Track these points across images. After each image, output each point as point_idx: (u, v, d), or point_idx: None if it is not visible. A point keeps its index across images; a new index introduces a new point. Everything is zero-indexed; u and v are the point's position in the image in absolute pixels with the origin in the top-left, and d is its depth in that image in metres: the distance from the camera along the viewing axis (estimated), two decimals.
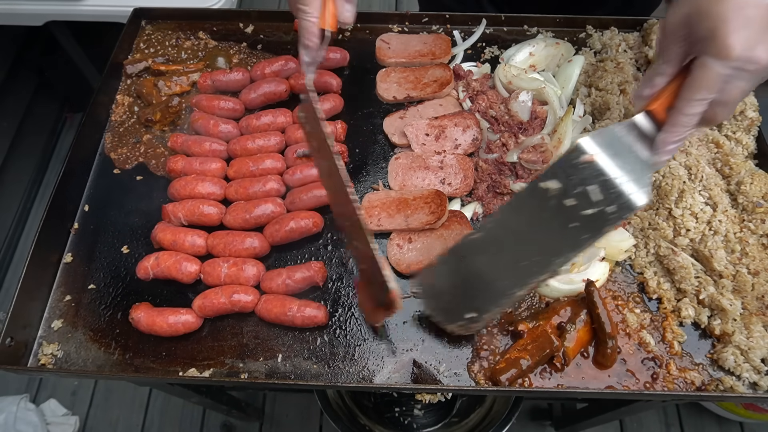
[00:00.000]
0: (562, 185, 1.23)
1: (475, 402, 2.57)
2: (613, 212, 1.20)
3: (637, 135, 1.23)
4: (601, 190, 1.19)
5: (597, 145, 1.21)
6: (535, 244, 1.30)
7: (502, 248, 1.36)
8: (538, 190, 1.26)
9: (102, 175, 1.82)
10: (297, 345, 1.50)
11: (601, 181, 1.20)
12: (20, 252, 4.03)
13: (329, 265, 1.63)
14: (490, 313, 1.41)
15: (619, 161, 1.20)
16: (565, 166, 1.23)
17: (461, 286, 1.42)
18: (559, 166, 1.24)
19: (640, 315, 1.52)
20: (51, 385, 3.53)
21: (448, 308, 1.45)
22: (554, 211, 1.25)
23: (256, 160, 1.74)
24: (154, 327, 1.47)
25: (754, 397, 1.94)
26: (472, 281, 1.40)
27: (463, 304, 1.40)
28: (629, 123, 1.24)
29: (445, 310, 1.46)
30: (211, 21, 2.18)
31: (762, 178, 1.58)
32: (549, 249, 1.29)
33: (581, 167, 1.21)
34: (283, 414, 3.43)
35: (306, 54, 1.46)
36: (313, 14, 1.39)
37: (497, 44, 2.09)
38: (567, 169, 1.23)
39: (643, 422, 3.36)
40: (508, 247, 1.35)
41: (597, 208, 1.20)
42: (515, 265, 1.33)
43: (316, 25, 1.41)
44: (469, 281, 1.41)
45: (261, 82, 1.91)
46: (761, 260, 1.49)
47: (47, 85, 4.33)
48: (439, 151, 1.78)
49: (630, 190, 1.18)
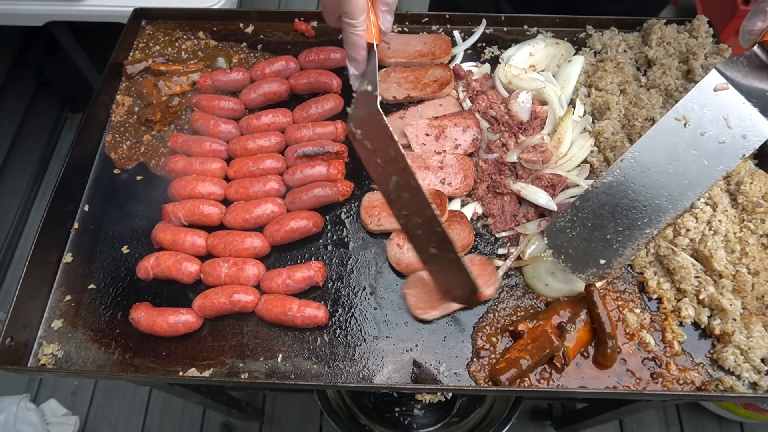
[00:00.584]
0: (696, 116, 1.30)
1: (475, 402, 2.57)
2: (747, 139, 1.26)
3: (758, 65, 1.28)
4: (736, 117, 1.26)
5: (728, 73, 1.28)
6: (670, 179, 1.34)
7: (635, 188, 1.39)
8: (671, 123, 1.32)
9: (102, 175, 1.82)
10: (297, 345, 1.50)
11: (735, 107, 1.26)
12: (20, 252, 4.03)
13: (329, 265, 1.63)
14: (624, 257, 1.43)
15: (749, 89, 1.26)
16: (698, 96, 1.30)
17: (592, 231, 1.44)
18: (691, 98, 1.30)
19: (640, 315, 1.52)
20: (51, 385, 3.53)
21: (579, 257, 1.46)
22: (688, 144, 1.30)
23: (256, 160, 1.74)
24: (154, 327, 1.47)
25: (754, 397, 1.94)
26: (604, 225, 1.42)
27: (595, 249, 1.43)
28: (749, 54, 1.28)
29: (576, 258, 1.47)
30: (211, 21, 2.18)
31: (762, 178, 1.58)
32: (684, 183, 1.33)
33: (715, 95, 1.28)
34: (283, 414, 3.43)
35: (354, 68, 1.43)
36: (361, 27, 1.36)
37: (497, 44, 2.09)
38: (700, 99, 1.29)
39: (643, 422, 3.36)
40: (641, 185, 1.38)
41: (732, 136, 1.27)
42: (649, 204, 1.37)
43: (364, 38, 1.38)
44: (600, 226, 1.43)
45: (261, 82, 1.92)
46: (761, 260, 1.49)
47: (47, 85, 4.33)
48: (439, 151, 1.78)
49: (761, 116, 1.25)
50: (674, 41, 1.93)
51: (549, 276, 1.55)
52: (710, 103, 1.29)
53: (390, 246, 1.63)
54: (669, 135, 1.35)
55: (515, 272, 1.61)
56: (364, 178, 1.79)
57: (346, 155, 1.80)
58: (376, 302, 1.56)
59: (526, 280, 1.59)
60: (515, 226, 1.66)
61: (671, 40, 1.93)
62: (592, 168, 1.75)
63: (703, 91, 1.31)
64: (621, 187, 1.41)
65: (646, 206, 1.38)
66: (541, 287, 1.55)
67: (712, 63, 1.86)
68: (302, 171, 1.71)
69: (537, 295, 1.57)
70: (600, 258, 1.43)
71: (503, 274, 1.59)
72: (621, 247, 1.41)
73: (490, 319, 1.53)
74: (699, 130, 1.31)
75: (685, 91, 1.83)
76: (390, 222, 1.63)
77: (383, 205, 1.66)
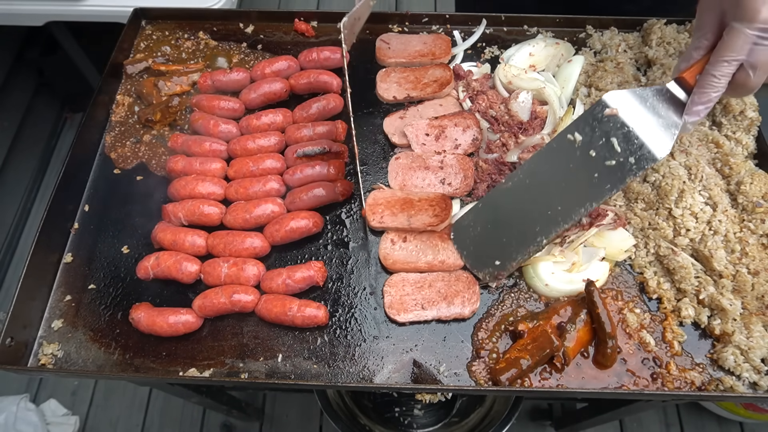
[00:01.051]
0: (587, 137, 1.34)
1: (475, 402, 2.57)
2: (635, 163, 1.30)
3: (667, 100, 1.32)
4: (623, 141, 1.30)
5: (620, 101, 1.32)
6: (561, 193, 1.40)
7: (530, 197, 1.45)
8: (564, 141, 1.37)
9: (102, 175, 1.82)
10: (297, 345, 1.50)
11: (624, 132, 1.30)
12: (20, 252, 4.04)
13: (329, 265, 1.63)
14: (516, 261, 1.49)
15: (642, 118, 1.30)
16: (589, 119, 1.34)
17: (490, 232, 1.51)
18: (583, 120, 1.35)
19: (640, 315, 1.52)
20: (51, 385, 3.53)
21: (478, 255, 1.54)
22: (580, 162, 1.35)
23: (256, 160, 1.74)
24: (154, 327, 1.47)
25: (754, 397, 1.94)
26: (501, 228, 1.49)
27: (492, 250, 1.50)
28: (659, 88, 1.33)
29: (475, 256, 1.54)
30: (211, 21, 2.18)
31: (762, 178, 1.58)
32: (574, 198, 1.38)
33: (604, 120, 1.32)
34: (283, 414, 3.43)
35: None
36: None
37: (497, 44, 2.09)
38: (591, 122, 1.34)
39: (643, 422, 3.36)
40: (535, 195, 1.44)
41: (619, 158, 1.31)
42: (541, 214, 1.42)
43: None
44: (497, 228, 1.50)
45: (261, 82, 1.92)
46: (761, 260, 1.49)
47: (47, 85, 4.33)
48: (439, 151, 1.78)
49: (651, 142, 1.28)
50: (674, 41, 1.93)
51: (549, 276, 1.55)
52: (600, 126, 1.35)
53: (383, 240, 1.63)
54: (563, 152, 1.41)
55: (515, 272, 1.61)
56: (365, 178, 1.79)
57: (346, 155, 1.80)
58: (376, 302, 1.56)
59: (526, 280, 1.59)
60: None
61: (671, 40, 1.93)
62: None
63: (594, 114, 1.36)
64: (517, 194, 1.49)
65: (538, 216, 1.44)
66: (541, 287, 1.55)
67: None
68: (302, 171, 1.71)
69: (537, 295, 1.57)
70: (495, 259, 1.50)
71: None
72: (514, 252, 1.49)
73: (490, 319, 1.53)
74: (589, 150, 1.36)
75: None
76: (393, 220, 1.63)
77: (387, 204, 1.66)
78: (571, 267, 1.57)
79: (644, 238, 1.61)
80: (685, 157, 1.65)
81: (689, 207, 1.55)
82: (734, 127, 1.74)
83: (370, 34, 2.11)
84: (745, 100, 1.73)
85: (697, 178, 1.60)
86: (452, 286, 1.54)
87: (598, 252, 1.57)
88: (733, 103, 1.72)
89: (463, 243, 1.57)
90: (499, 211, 1.52)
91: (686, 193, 1.56)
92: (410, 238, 1.62)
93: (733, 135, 1.73)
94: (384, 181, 1.77)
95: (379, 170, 1.81)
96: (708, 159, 1.68)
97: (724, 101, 1.74)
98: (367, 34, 2.12)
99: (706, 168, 1.62)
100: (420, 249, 1.60)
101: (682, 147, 1.67)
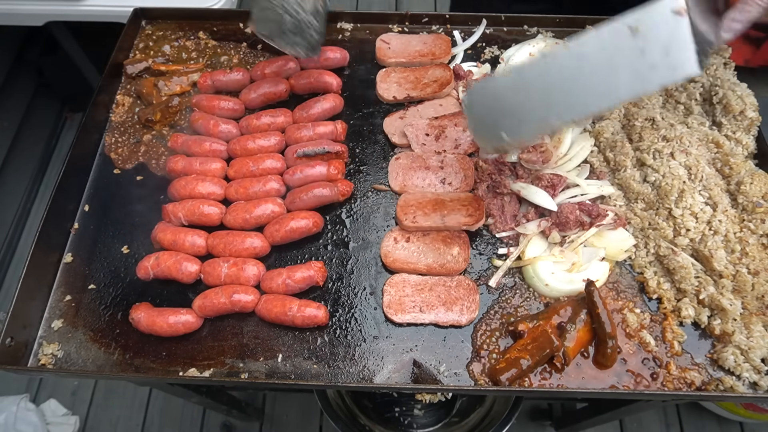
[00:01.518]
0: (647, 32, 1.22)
1: (475, 402, 2.57)
2: (674, 72, 1.21)
3: (703, 10, 1.23)
4: (677, 48, 1.19)
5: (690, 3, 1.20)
6: (596, 80, 1.30)
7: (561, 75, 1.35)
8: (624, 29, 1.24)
9: (102, 175, 1.82)
10: (297, 345, 1.50)
11: (679, 39, 1.19)
12: (20, 252, 4.03)
13: (329, 265, 1.63)
14: (521, 138, 1.45)
15: (695, 27, 1.20)
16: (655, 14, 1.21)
17: (511, 98, 1.43)
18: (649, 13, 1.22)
19: (640, 315, 1.52)
20: (51, 385, 3.53)
21: (487, 123, 1.49)
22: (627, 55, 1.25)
23: (256, 160, 1.74)
24: (154, 327, 1.47)
25: (754, 397, 1.94)
26: (523, 102, 1.41)
27: (503, 120, 1.43)
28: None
29: (484, 124, 1.50)
30: (211, 21, 2.18)
31: (762, 178, 1.58)
32: (604, 89, 1.30)
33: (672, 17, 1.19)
34: (283, 414, 3.43)
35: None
36: None
37: (497, 44, 2.09)
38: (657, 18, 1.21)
39: (643, 422, 3.35)
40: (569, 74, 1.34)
41: (665, 64, 1.21)
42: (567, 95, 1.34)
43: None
44: (519, 101, 1.41)
45: (261, 82, 1.92)
46: (761, 260, 1.49)
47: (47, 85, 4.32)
48: (439, 151, 1.78)
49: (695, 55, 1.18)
50: None
51: (549, 276, 1.55)
52: (664, 23, 1.22)
53: (386, 238, 1.63)
54: (616, 38, 1.28)
55: (515, 272, 1.61)
56: (365, 178, 1.79)
57: (346, 155, 1.80)
58: (376, 302, 1.56)
59: (526, 280, 1.59)
60: (515, 226, 1.66)
61: None
62: (592, 168, 1.75)
63: (662, 10, 1.22)
64: (552, 66, 1.36)
65: (563, 97, 1.35)
66: (541, 287, 1.55)
67: (711, 62, 1.85)
68: (302, 171, 1.71)
69: (537, 295, 1.57)
70: (503, 131, 1.43)
71: (503, 274, 1.59)
72: (526, 129, 1.42)
73: (490, 320, 1.53)
74: (641, 45, 1.24)
75: (685, 90, 1.83)
76: (426, 220, 1.63)
77: (419, 204, 1.66)
78: (571, 267, 1.57)
79: (644, 238, 1.61)
80: (685, 157, 1.65)
81: (689, 207, 1.55)
82: (734, 127, 1.74)
83: (370, 34, 2.11)
84: (745, 100, 1.73)
85: (697, 178, 1.60)
86: (453, 291, 1.54)
87: (598, 252, 1.58)
88: (733, 103, 1.72)
89: (476, 108, 1.51)
90: (525, 80, 1.41)
91: (686, 193, 1.56)
92: (413, 238, 1.62)
93: (733, 135, 1.73)
94: (384, 181, 1.78)
95: (379, 170, 1.81)
96: (708, 159, 1.68)
97: (724, 101, 1.74)
98: (367, 34, 2.12)
99: (706, 168, 1.62)
100: (422, 251, 1.60)
101: (682, 147, 1.67)
